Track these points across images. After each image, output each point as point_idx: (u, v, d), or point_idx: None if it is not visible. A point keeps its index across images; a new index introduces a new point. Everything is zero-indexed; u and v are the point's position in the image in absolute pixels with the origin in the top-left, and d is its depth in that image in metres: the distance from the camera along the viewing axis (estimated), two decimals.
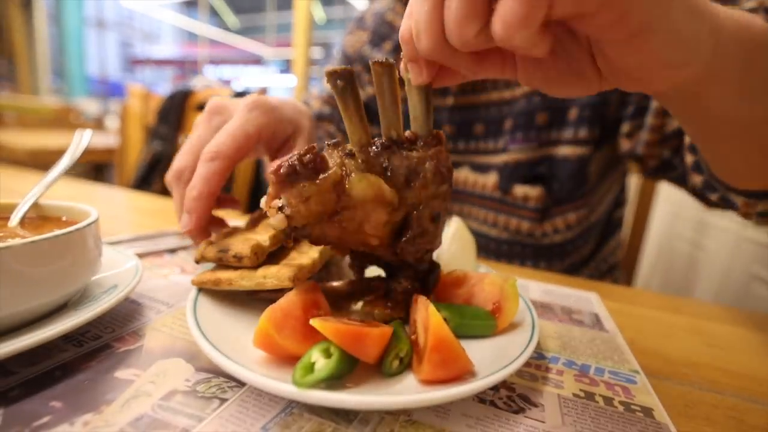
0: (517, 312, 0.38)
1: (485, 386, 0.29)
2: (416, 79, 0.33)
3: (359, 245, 0.36)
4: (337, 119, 0.88)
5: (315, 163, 0.32)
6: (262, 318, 0.31)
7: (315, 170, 0.32)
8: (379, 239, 0.35)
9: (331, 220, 0.33)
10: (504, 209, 0.77)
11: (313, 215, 0.32)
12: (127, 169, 1.69)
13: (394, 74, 0.33)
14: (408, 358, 0.31)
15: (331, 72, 0.32)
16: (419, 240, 0.36)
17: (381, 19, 0.87)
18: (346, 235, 0.34)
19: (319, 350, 0.29)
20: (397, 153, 0.34)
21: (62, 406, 0.27)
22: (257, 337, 0.31)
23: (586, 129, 0.70)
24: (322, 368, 0.28)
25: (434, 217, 0.35)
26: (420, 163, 0.34)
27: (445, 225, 0.40)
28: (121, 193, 1.01)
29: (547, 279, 0.62)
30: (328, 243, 0.35)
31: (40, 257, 0.32)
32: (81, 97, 5.08)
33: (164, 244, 0.60)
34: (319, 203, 0.32)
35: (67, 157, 0.47)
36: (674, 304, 0.58)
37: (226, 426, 0.27)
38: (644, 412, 0.32)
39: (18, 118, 2.98)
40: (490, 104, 0.76)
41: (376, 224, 0.34)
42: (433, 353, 0.29)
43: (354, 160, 0.33)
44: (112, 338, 0.36)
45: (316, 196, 0.31)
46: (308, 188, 0.31)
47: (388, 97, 0.34)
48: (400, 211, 0.35)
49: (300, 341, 0.30)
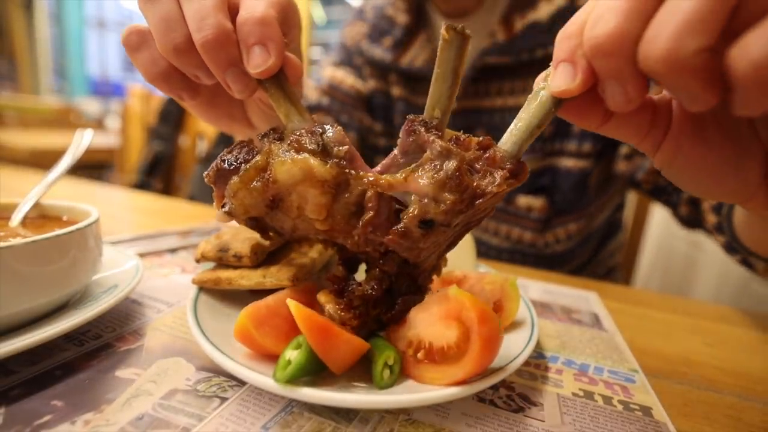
0: (518, 311, 0.38)
1: (485, 385, 0.29)
2: (563, 82, 0.24)
3: (316, 234, 0.33)
4: (335, 111, 0.87)
5: (243, 156, 0.31)
6: (242, 313, 0.30)
7: (246, 162, 0.30)
8: (328, 224, 0.30)
9: (275, 209, 0.31)
10: (506, 219, 0.76)
11: (249, 208, 0.31)
12: (128, 169, 1.70)
13: (465, 48, 0.28)
14: (398, 365, 0.30)
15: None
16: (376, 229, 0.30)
17: (381, 13, 0.86)
18: (298, 223, 0.32)
19: (292, 346, 0.29)
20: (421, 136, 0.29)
21: (63, 405, 0.28)
22: (236, 330, 0.31)
23: (590, 143, 0.70)
24: (293, 362, 0.27)
25: (424, 221, 0.29)
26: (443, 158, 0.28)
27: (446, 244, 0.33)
28: (122, 192, 1.01)
29: (547, 279, 0.62)
30: (294, 234, 0.33)
31: (41, 257, 0.32)
32: (82, 97, 5.08)
33: (165, 244, 0.60)
34: (247, 195, 0.30)
35: (68, 157, 0.47)
36: (673, 304, 0.58)
37: (227, 425, 0.27)
38: (643, 411, 0.33)
39: (19, 118, 2.98)
40: (494, 110, 0.75)
41: (316, 207, 0.30)
42: (482, 327, 0.27)
43: (282, 143, 0.31)
44: (113, 338, 0.36)
45: (241, 189, 0.30)
46: (234, 182, 0.31)
47: (449, 71, 0.29)
48: (349, 190, 0.30)
49: (284, 341, 0.30)
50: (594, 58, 0.22)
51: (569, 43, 0.24)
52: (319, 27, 3.92)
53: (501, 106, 0.75)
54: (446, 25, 0.27)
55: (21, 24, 4.94)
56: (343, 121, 0.86)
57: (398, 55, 0.80)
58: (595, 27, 0.21)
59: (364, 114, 0.87)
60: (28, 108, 3.18)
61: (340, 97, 0.87)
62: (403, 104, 0.82)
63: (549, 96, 0.26)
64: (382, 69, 0.83)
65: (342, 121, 0.87)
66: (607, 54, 0.21)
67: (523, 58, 0.69)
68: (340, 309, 0.32)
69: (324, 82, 0.89)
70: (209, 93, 0.40)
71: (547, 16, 0.68)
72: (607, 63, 0.22)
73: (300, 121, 0.32)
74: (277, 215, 0.32)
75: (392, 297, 0.33)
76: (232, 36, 0.31)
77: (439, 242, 0.31)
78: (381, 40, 0.83)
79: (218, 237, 0.43)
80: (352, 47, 0.89)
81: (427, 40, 0.78)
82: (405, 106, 0.82)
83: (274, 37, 0.31)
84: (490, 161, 0.28)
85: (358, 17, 0.91)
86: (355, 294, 0.32)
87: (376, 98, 0.86)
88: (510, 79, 0.72)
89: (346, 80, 0.87)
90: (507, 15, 0.71)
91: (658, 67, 0.20)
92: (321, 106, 0.87)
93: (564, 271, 0.79)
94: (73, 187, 0.95)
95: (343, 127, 1.00)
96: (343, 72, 0.88)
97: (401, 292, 0.34)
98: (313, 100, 0.88)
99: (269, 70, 0.32)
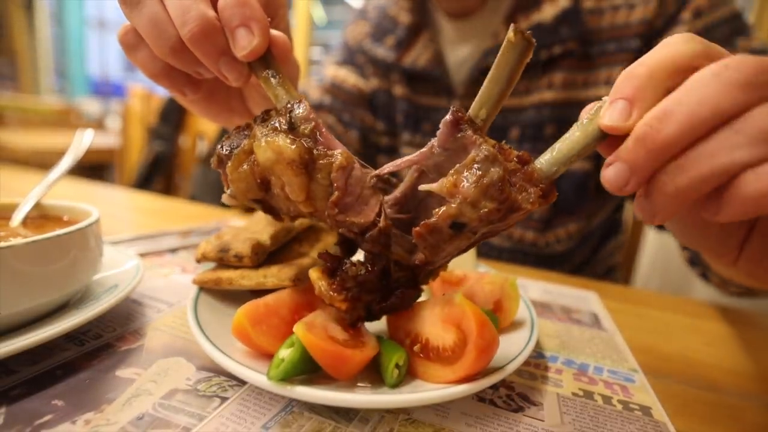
0: (517, 311, 0.38)
1: (485, 385, 0.29)
2: (616, 119, 0.24)
3: (303, 216, 0.32)
4: (337, 110, 0.87)
5: (237, 141, 0.31)
6: (239, 310, 0.31)
7: (239, 146, 0.31)
8: (311, 205, 0.30)
9: (269, 190, 0.31)
10: None
11: (246, 191, 0.31)
12: (128, 168, 1.70)
13: (527, 54, 0.27)
14: (406, 365, 0.31)
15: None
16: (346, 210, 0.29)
17: (383, 12, 0.86)
18: (290, 205, 0.31)
19: (286, 345, 0.29)
20: (468, 136, 0.28)
21: (64, 405, 0.28)
22: (233, 327, 0.31)
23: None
24: (286, 360, 0.28)
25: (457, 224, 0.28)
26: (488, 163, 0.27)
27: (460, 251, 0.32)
28: (122, 192, 1.01)
29: (547, 279, 0.62)
30: (294, 216, 0.33)
31: (42, 257, 0.32)
32: (82, 97, 5.08)
33: (165, 244, 0.60)
34: (238, 178, 0.31)
35: (69, 157, 0.47)
36: (672, 303, 0.58)
37: (227, 424, 0.27)
38: (642, 410, 0.33)
39: (19, 118, 2.99)
40: None
41: (295, 189, 0.29)
42: (479, 339, 0.28)
43: (264, 125, 0.30)
44: (113, 337, 0.36)
45: (233, 173, 0.31)
46: (227, 167, 0.31)
47: (506, 74, 0.28)
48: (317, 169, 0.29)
49: (280, 340, 0.30)
50: (638, 143, 0.23)
51: (632, 83, 0.24)
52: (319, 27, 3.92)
53: (503, 106, 0.74)
54: (514, 27, 0.27)
55: (21, 24, 4.94)
56: (345, 120, 0.87)
57: (401, 54, 0.80)
58: (660, 123, 0.22)
59: (366, 113, 0.87)
60: (29, 108, 3.18)
61: (343, 96, 0.87)
62: (405, 103, 0.82)
63: (596, 128, 0.26)
64: (385, 68, 0.83)
65: (344, 120, 0.87)
66: (653, 152, 0.23)
67: None
68: (331, 289, 0.31)
69: (326, 81, 0.89)
70: (208, 87, 0.40)
71: (551, 18, 0.68)
72: (646, 156, 0.23)
73: (290, 100, 0.32)
74: (273, 197, 0.32)
75: (389, 287, 0.33)
76: (217, 24, 0.31)
77: (460, 246, 0.30)
78: (383, 39, 0.83)
79: (219, 237, 0.43)
80: (354, 46, 0.89)
81: (430, 39, 0.78)
82: (407, 106, 0.82)
83: (256, 17, 0.31)
84: (528, 177, 0.28)
85: (360, 16, 0.91)
86: (348, 274, 0.31)
87: (378, 97, 0.86)
88: None
89: (348, 79, 0.87)
90: (511, 15, 0.71)
91: (669, 192, 0.23)
92: (323, 105, 0.88)
93: (564, 270, 0.79)
94: (73, 187, 0.95)
95: (345, 126, 0.99)
96: (346, 71, 0.88)
97: (398, 284, 0.33)
98: (315, 98, 0.88)
99: (255, 51, 0.31)
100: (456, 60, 0.78)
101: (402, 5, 0.82)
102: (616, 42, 0.67)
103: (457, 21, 0.77)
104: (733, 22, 0.63)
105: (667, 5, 0.65)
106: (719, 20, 0.63)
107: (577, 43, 0.68)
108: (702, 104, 0.21)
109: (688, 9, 0.64)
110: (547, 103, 0.71)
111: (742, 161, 0.21)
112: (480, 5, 0.74)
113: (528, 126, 0.73)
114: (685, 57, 0.24)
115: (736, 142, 0.21)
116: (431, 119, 0.79)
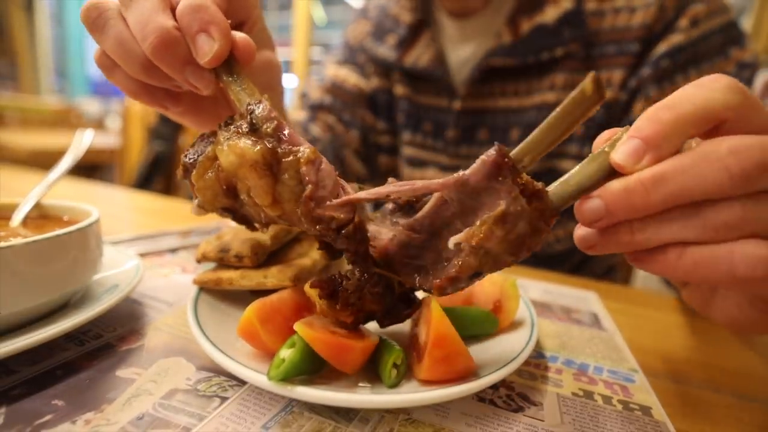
0: (517, 311, 0.38)
1: (485, 385, 0.29)
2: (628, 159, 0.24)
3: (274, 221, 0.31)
4: (337, 110, 0.87)
5: (202, 148, 0.30)
6: (249, 308, 0.31)
7: (203, 154, 0.30)
8: (279, 209, 0.29)
9: (236, 198, 0.30)
10: None
11: (213, 199, 0.31)
12: (128, 168, 1.70)
13: (594, 108, 0.25)
14: (404, 364, 0.31)
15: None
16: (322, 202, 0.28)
17: (385, 11, 0.86)
18: (259, 210, 0.30)
19: (287, 345, 0.29)
20: (507, 185, 0.27)
21: (64, 405, 0.28)
22: (241, 326, 0.31)
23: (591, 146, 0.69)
24: (287, 360, 0.28)
25: (476, 274, 0.27)
26: (516, 218, 0.27)
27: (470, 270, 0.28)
28: (122, 192, 1.01)
29: (547, 279, 0.62)
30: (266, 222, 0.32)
31: (42, 257, 0.32)
32: (82, 97, 5.08)
33: (165, 244, 0.60)
34: (204, 186, 0.30)
35: (69, 157, 0.47)
36: (673, 303, 0.58)
37: (227, 424, 0.27)
38: (643, 410, 0.33)
39: (19, 118, 2.99)
40: (497, 111, 0.75)
41: (260, 192, 0.28)
42: (434, 349, 0.29)
43: (227, 129, 0.29)
44: (114, 337, 0.36)
45: (198, 181, 0.30)
46: (193, 175, 0.30)
47: (565, 124, 0.27)
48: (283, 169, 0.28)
49: (282, 340, 0.30)
50: (626, 194, 0.24)
51: (654, 128, 0.24)
52: (319, 27, 3.92)
53: (504, 107, 0.74)
54: (593, 76, 0.25)
55: (22, 24, 4.94)
56: (346, 119, 0.87)
57: (402, 53, 0.80)
58: (654, 186, 0.23)
59: (366, 112, 0.87)
60: (29, 108, 3.18)
61: (343, 95, 0.87)
62: (406, 103, 0.82)
63: (607, 161, 0.25)
64: (386, 67, 0.83)
65: (345, 120, 0.87)
66: (634, 209, 0.24)
67: (528, 60, 0.69)
68: (335, 311, 0.31)
69: (327, 81, 0.89)
70: (191, 99, 0.39)
71: (553, 19, 0.68)
72: (627, 208, 0.24)
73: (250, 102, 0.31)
74: (243, 205, 0.31)
75: (392, 298, 0.32)
76: (177, 34, 0.30)
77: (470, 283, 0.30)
78: (385, 38, 0.83)
79: (219, 237, 0.43)
80: (355, 45, 0.89)
81: (432, 39, 0.78)
82: (408, 105, 0.82)
83: (216, 20, 0.30)
84: (540, 213, 0.27)
85: (362, 15, 0.91)
86: (348, 291, 0.30)
87: (379, 96, 0.86)
88: (514, 81, 0.72)
89: (349, 79, 0.87)
90: (513, 16, 0.71)
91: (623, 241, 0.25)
92: (324, 105, 0.88)
93: (564, 268, 0.79)
94: (73, 187, 0.95)
95: (345, 125, 0.99)
96: (346, 70, 0.88)
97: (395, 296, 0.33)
98: (316, 98, 0.88)
99: (217, 56, 0.30)
100: (458, 60, 0.78)
101: (403, 4, 0.82)
102: (616, 44, 0.67)
103: (459, 20, 0.77)
104: (728, 31, 0.63)
105: (667, 11, 0.65)
106: (716, 29, 0.63)
107: (579, 45, 0.68)
108: (697, 183, 0.22)
109: (686, 16, 0.64)
110: (549, 104, 0.71)
111: (686, 239, 0.23)
112: (483, 5, 0.74)
113: (529, 127, 0.73)
114: (715, 110, 0.23)
115: (693, 224, 0.23)
116: (432, 119, 0.79)
